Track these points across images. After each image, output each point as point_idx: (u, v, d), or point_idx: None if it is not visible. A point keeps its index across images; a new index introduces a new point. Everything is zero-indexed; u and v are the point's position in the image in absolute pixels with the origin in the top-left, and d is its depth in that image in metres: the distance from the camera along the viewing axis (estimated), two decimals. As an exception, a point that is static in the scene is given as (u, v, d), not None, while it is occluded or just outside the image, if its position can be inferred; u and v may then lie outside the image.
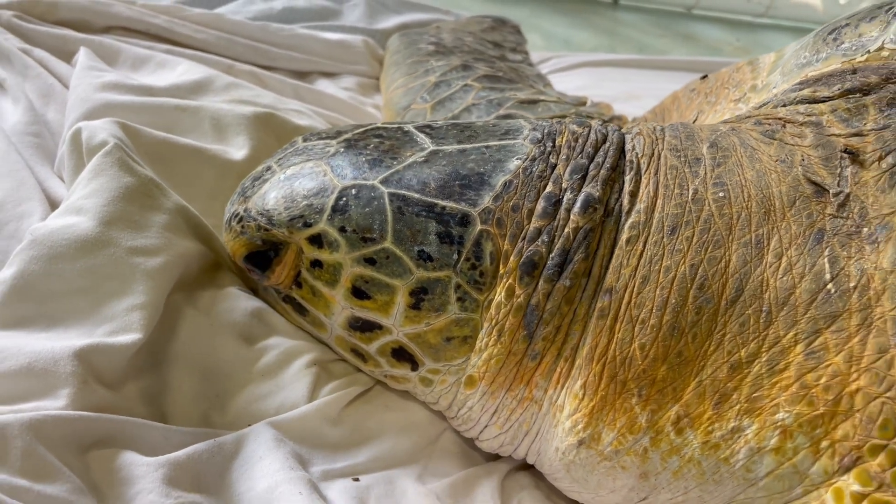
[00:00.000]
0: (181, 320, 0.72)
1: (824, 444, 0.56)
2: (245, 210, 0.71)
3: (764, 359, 0.58)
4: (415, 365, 0.68)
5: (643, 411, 0.60)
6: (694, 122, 0.91)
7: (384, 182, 0.67)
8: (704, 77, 0.99)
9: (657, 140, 0.69)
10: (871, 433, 0.54)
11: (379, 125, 0.75)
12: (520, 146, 0.70)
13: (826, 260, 0.57)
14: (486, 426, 0.69)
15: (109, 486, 0.59)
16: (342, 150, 0.71)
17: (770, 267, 0.59)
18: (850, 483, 0.54)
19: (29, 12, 1.22)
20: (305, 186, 0.69)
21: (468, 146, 0.70)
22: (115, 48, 1.18)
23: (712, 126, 0.69)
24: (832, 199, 0.58)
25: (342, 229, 0.66)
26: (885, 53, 0.64)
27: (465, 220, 0.65)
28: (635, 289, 0.62)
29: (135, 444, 0.63)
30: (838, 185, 0.58)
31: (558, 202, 0.66)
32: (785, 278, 0.58)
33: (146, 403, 0.68)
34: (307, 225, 0.67)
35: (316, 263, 0.68)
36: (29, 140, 0.94)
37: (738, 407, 0.58)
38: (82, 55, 1.10)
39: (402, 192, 0.66)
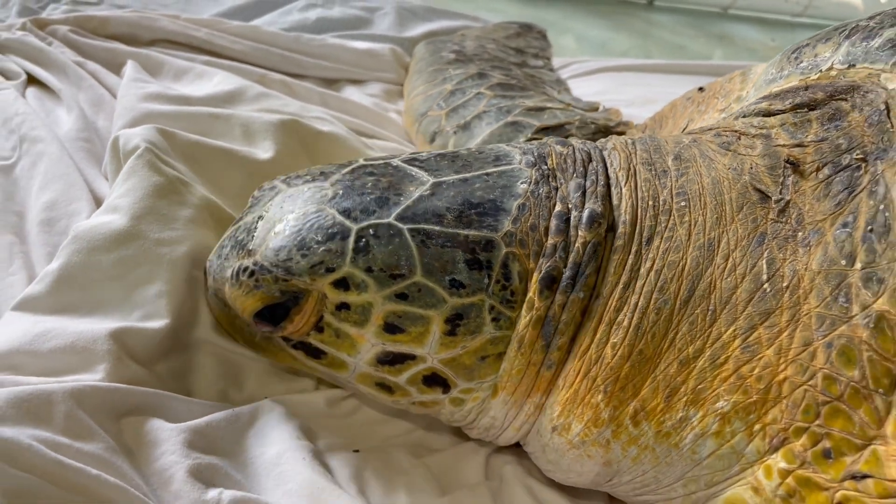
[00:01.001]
0: (204, 306, 0.81)
1: (757, 427, 0.61)
2: (254, 263, 0.69)
3: (707, 354, 0.63)
4: (447, 388, 0.70)
5: (606, 407, 0.65)
6: (684, 129, 0.97)
7: (400, 219, 0.68)
8: (701, 89, 1.05)
9: (631, 154, 0.73)
10: (795, 417, 0.60)
11: (362, 163, 0.75)
12: (518, 171, 0.73)
13: (764, 261, 0.62)
14: (504, 430, 0.73)
15: (138, 447, 0.69)
16: (341, 191, 0.70)
17: (718, 268, 0.64)
18: (778, 461, 0.60)
19: (83, 27, 1.34)
20: (318, 232, 0.68)
21: (468, 175, 0.72)
22: (159, 60, 1.29)
23: (676, 138, 0.74)
24: (774, 205, 0.63)
25: (368, 269, 0.66)
26: (833, 73, 0.69)
27: (489, 246, 0.67)
28: (616, 293, 0.66)
29: (161, 413, 0.72)
30: (780, 192, 0.64)
31: (568, 219, 0.69)
32: (729, 279, 0.63)
33: (173, 380, 0.77)
34: (330, 270, 0.67)
35: (343, 306, 0.67)
36: (80, 145, 1.05)
37: (685, 399, 0.64)
38: (129, 68, 1.21)
39: (422, 226, 0.67)
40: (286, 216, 0.70)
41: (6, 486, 0.57)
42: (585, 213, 0.69)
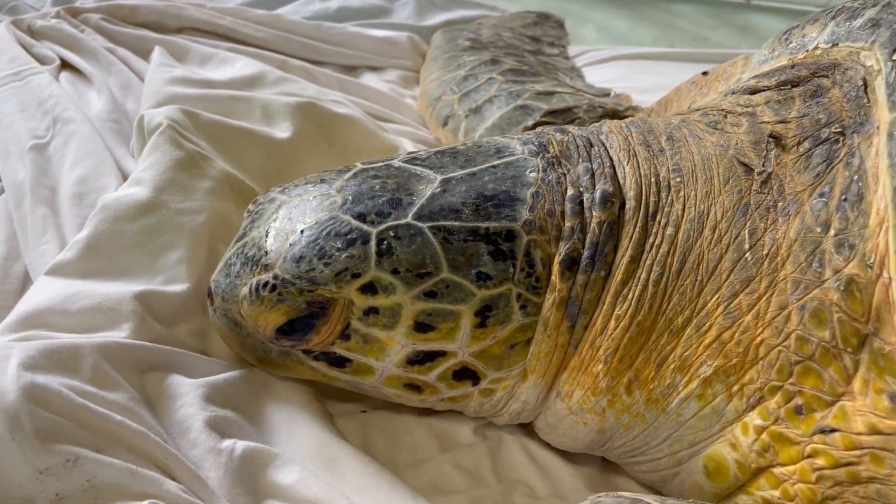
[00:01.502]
0: (222, 273, 0.86)
1: (735, 388, 0.65)
2: (275, 277, 0.68)
3: (694, 322, 0.66)
4: (476, 380, 0.71)
5: (605, 377, 0.68)
6: (684, 111, 1.00)
7: (418, 218, 0.68)
8: (706, 73, 1.07)
9: (627, 136, 0.76)
10: (770, 377, 0.63)
11: (362, 167, 0.75)
12: (524, 160, 0.74)
13: (747, 231, 0.65)
14: (533, 411, 0.75)
15: (159, 400, 0.74)
16: (350, 197, 0.70)
17: (706, 240, 0.67)
18: (754, 418, 0.64)
19: (114, 15, 1.41)
20: (336, 239, 0.67)
21: (474, 169, 0.73)
22: (185, 47, 1.35)
23: (665, 119, 0.77)
24: (756, 177, 0.66)
25: (394, 271, 0.66)
26: (818, 52, 0.72)
27: (511, 236, 0.68)
28: (622, 266, 0.68)
29: (181, 370, 0.77)
30: (763, 165, 0.67)
31: (581, 202, 0.71)
32: (715, 250, 0.66)
33: (194, 340, 0.82)
34: (356, 276, 0.66)
35: (371, 311, 0.67)
36: (109, 126, 1.11)
37: (672, 366, 0.67)
38: (156, 53, 1.27)
39: (441, 223, 0.68)
40: (298, 227, 0.69)
41: (38, 427, 0.63)
42: (598, 194, 0.70)
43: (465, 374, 0.70)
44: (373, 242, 0.67)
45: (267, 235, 0.71)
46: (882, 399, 0.57)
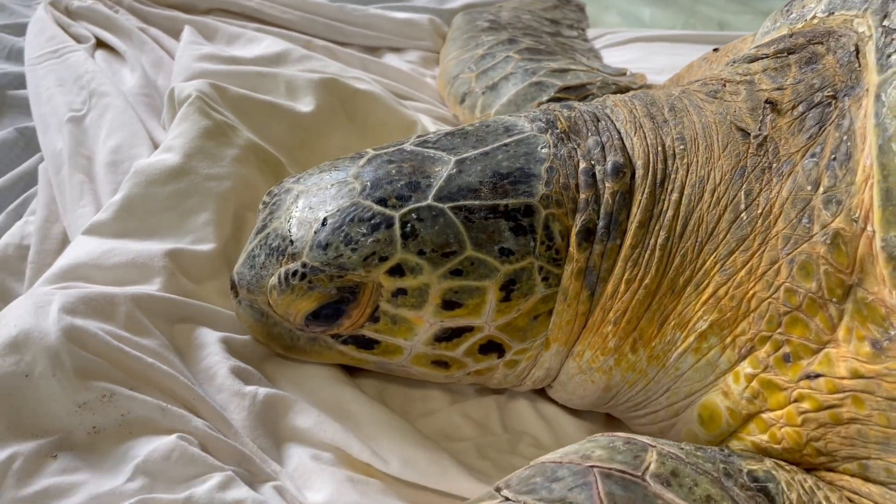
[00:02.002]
0: (247, 234, 0.91)
1: (728, 340, 0.68)
2: (303, 266, 0.70)
3: (693, 281, 0.69)
4: (501, 352, 0.73)
5: (613, 337, 0.72)
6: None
7: (438, 199, 0.70)
8: (716, 49, 1.10)
9: (632, 109, 0.78)
10: (760, 327, 0.66)
11: (374, 153, 0.77)
12: (534, 137, 0.76)
13: (743, 192, 0.68)
14: (556, 377, 0.77)
15: (187, 349, 0.79)
16: (369, 183, 0.72)
17: (706, 203, 0.70)
18: (745, 367, 0.67)
19: (147, -4, 1.47)
20: (361, 225, 0.69)
21: (487, 148, 0.75)
22: (214, 27, 1.40)
23: (666, 91, 0.80)
24: (753, 140, 0.70)
25: (420, 252, 0.68)
26: (815, 21, 0.75)
27: (529, 211, 0.70)
28: (633, 233, 0.71)
29: (209, 323, 0.82)
30: (759, 128, 0.70)
31: (594, 174, 0.73)
32: (714, 211, 0.69)
33: (220, 297, 0.87)
34: (383, 259, 0.68)
35: (399, 292, 0.69)
36: (142, 100, 1.17)
37: (673, 323, 0.71)
38: (186, 32, 1.32)
39: (461, 203, 0.70)
40: (320, 215, 0.71)
41: (77, 365, 0.68)
42: (609, 166, 0.73)
43: (490, 348, 0.72)
44: (397, 226, 0.69)
45: (290, 225, 0.72)
46: (864, 345, 0.60)
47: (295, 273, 0.70)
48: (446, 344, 0.72)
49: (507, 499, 0.57)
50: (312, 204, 0.73)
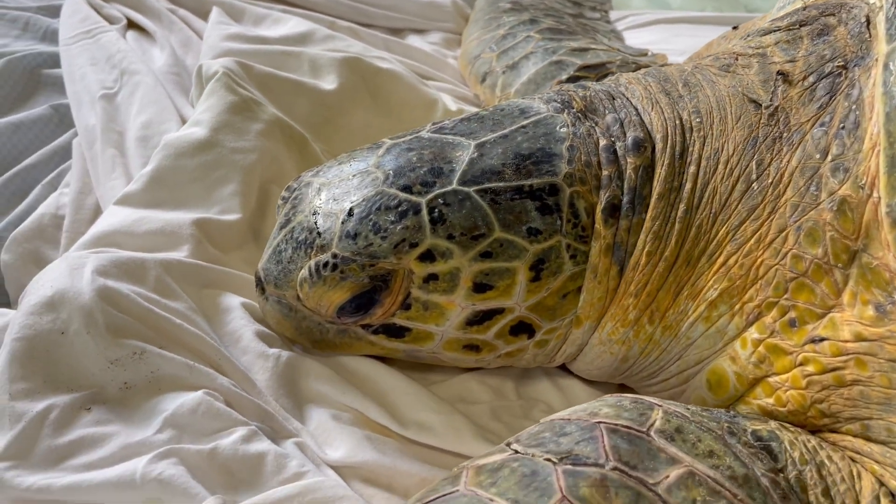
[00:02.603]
0: (272, 206, 0.95)
1: (737, 307, 0.69)
2: (334, 256, 0.70)
3: (707, 252, 0.71)
4: (532, 333, 0.73)
5: (634, 309, 0.73)
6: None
7: (463, 183, 0.70)
8: (735, 27, 1.11)
9: (647, 86, 0.79)
10: (767, 294, 0.67)
11: (392, 142, 0.77)
12: (551, 117, 0.76)
13: (754, 163, 0.69)
14: (587, 352, 0.78)
15: (214, 313, 0.82)
16: (391, 171, 0.72)
17: (719, 175, 0.71)
18: (752, 333, 0.68)
19: (176, -21, 1.50)
20: (388, 213, 0.70)
21: (505, 131, 0.75)
22: (241, 8, 1.43)
23: (678, 67, 0.81)
24: (764, 111, 0.71)
25: (450, 237, 0.69)
26: (829, -6, 0.76)
27: (554, 190, 0.71)
28: (654, 205, 0.72)
29: (235, 289, 0.85)
30: (770, 99, 0.71)
31: (615, 150, 0.74)
32: (727, 182, 0.70)
33: (245, 265, 0.90)
34: (414, 245, 0.69)
35: (431, 278, 0.70)
36: (171, 78, 1.20)
37: (686, 294, 0.72)
38: (214, 13, 1.35)
39: (486, 185, 0.70)
40: (346, 206, 0.71)
41: (109, 323, 0.72)
42: (630, 141, 0.73)
43: (521, 329, 0.73)
44: (424, 212, 0.69)
45: (316, 218, 0.72)
46: (868, 309, 0.61)
47: (326, 264, 0.70)
48: (477, 327, 0.72)
49: (516, 451, 0.60)
50: (336, 195, 0.73)
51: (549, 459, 0.58)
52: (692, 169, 0.72)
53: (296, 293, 0.73)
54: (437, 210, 0.70)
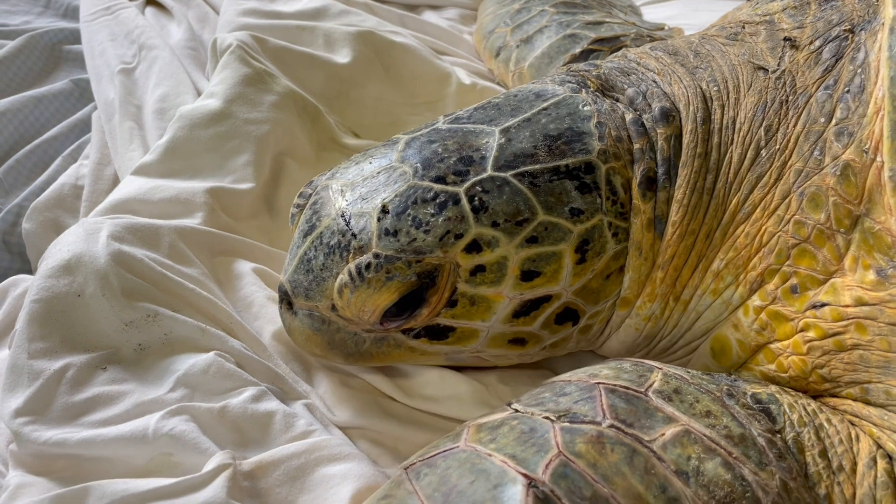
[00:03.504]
0: (285, 176, 0.96)
1: (741, 277, 0.69)
2: (375, 256, 0.66)
3: (721, 224, 0.70)
4: (576, 319, 0.72)
5: (661, 284, 0.73)
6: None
7: (498, 169, 0.68)
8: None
9: (659, 58, 0.79)
10: (770, 261, 0.67)
11: (408, 137, 0.74)
12: (571, 97, 0.75)
13: (763, 129, 0.69)
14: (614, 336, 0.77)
15: (226, 279, 0.84)
16: (419, 165, 0.69)
17: (734, 143, 0.71)
18: (754, 300, 0.69)
19: (193, -45, 1.51)
20: (427, 206, 0.67)
21: (528, 114, 0.73)
22: (257, -17, 1.44)
23: (685, 39, 0.81)
24: (771, 75, 0.71)
25: (494, 224, 0.66)
26: (838, -41, 0.75)
27: (590, 168, 0.69)
28: (681, 173, 0.71)
29: (247, 256, 0.87)
30: (778, 64, 0.71)
31: (642, 123, 0.73)
32: (739, 151, 0.70)
33: (258, 234, 0.92)
34: (459, 236, 0.66)
35: (478, 269, 0.67)
36: (188, 52, 1.22)
37: (699, 267, 0.72)
38: (231, -11, 1.36)
39: (522, 169, 0.68)
40: (377, 203, 0.68)
41: (124, 286, 0.74)
42: (657, 111, 0.73)
43: (566, 316, 0.71)
44: (464, 201, 0.67)
45: (346, 219, 0.68)
46: (869, 274, 0.61)
47: (368, 265, 0.66)
48: (524, 318, 0.70)
49: (516, 411, 0.61)
50: (363, 194, 0.69)
51: (547, 417, 0.59)
52: (715, 139, 0.71)
53: (330, 303, 0.69)
54: (476, 198, 0.67)
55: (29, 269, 0.94)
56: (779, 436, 0.60)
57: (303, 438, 0.68)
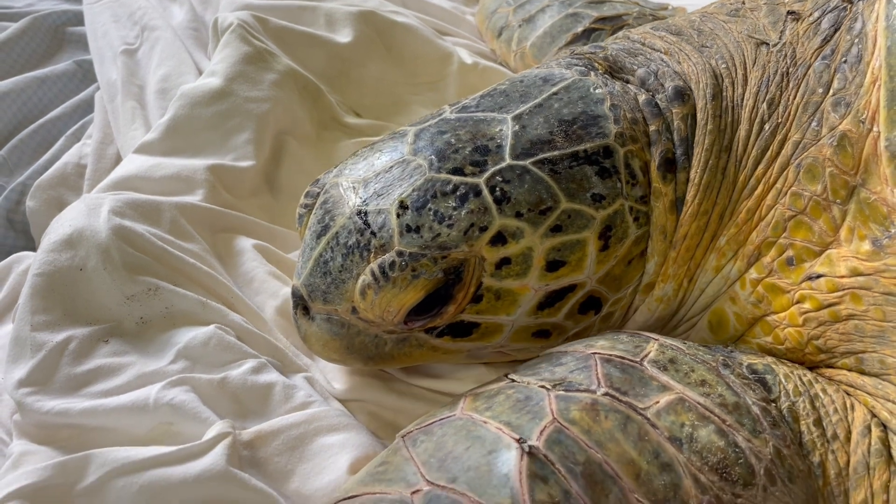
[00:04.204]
0: (286, 154, 0.97)
1: (740, 252, 0.69)
2: (399, 254, 0.63)
3: (730, 202, 0.70)
4: (599, 307, 0.70)
5: (674, 264, 0.72)
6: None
7: (516, 157, 0.66)
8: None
9: (663, 38, 0.78)
10: (766, 234, 0.67)
11: (416, 129, 0.71)
12: (580, 81, 0.73)
13: (765, 103, 0.69)
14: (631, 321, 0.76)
15: (227, 255, 0.85)
16: (433, 157, 0.67)
17: (741, 119, 0.70)
18: (751, 273, 0.69)
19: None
20: (447, 199, 0.64)
21: (539, 100, 0.71)
22: (259, -35, 1.44)
23: (685, 17, 0.80)
24: (773, 48, 0.70)
25: (518, 214, 0.65)
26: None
27: (608, 152, 0.68)
28: (692, 150, 0.70)
29: (248, 233, 0.88)
30: (779, 37, 0.70)
31: (656, 103, 0.71)
32: (746, 127, 0.69)
33: (258, 211, 0.93)
34: (484, 229, 0.64)
35: (503, 262, 0.65)
36: (190, 33, 1.22)
37: (707, 248, 0.71)
38: (233, -31, 1.36)
39: (541, 156, 0.66)
40: (394, 199, 0.65)
41: (126, 260, 0.74)
42: (671, 91, 0.71)
43: (589, 305, 0.70)
44: (485, 192, 0.65)
45: (363, 218, 0.65)
46: (864, 244, 0.62)
47: (392, 264, 0.64)
48: (549, 310, 0.68)
49: (512, 380, 0.61)
50: (378, 190, 0.66)
51: (543, 386, 0.59)
52: (728, 117, 0.71)
53: (350, 306, 0.66)
54: (497, 188, 0.65)
55: (33, 247, 0.95)
56: (774, 405, 0.61)
57: (302, 409, 0.69)
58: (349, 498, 0.56)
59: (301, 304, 0.69)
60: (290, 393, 0.70)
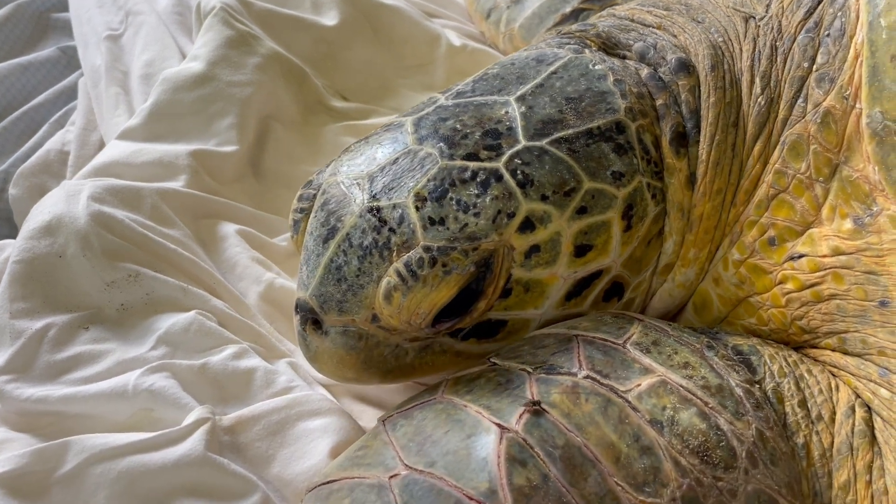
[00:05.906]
0: (270, 138, 0.96)
1: (727, 230, 0.68)
2: (426, 250, 0.59)
3: (731, 183, 0.68)
4: (621, 293, 0.68)
5: (693, 247, 0.70)
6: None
7: (531, 139, 0.64)
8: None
9: (653, 12, 0.76)
10: (749, 213, 0.66)
11: (416, 116, 0.68)
12: (576, 58, 0.71)
13: (759, 78, 0.67)
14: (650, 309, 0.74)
15: (210, 241, 0.84)
16: (443, 145, 0.63)
17: (742, 95, 0.68)
18: (734, 254, 0.68)
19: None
20: (468, 186, 0.61)
21: (538, 80, 0.69)
22: (246, -52, 1.42)
23: None
24: (759, 22, 0.69)
25: (543, 198, 0.62)
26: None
27: (620, 127, 0.66)
28: (698, 124, 0.68)
29: (231, 218, 0.87)
30: (765, 10, 0.69)
31: (660, 77, 0.69)
32: (746, 102, 0.67)
33: (243, 196, 0.92)
34: (511, 215, 0.61)
35: (532, 250, 0.62)
36: (174, 18, 1.20)
37: (709, 226, 0.69)
38: (218, -47, 1.35)
39: (556, 135, 0.64)
40: (409, 191, 0.61)
41: (105, 246, 0.74)
42: (674, 63, 0.70)
43: (613, 291, 0.68)
44: (507, 176, 0.62)
45: (377, 215, 0.61)
46: (846, 223, 0.61)
47: (421, 261, 0.59)
48: (576, 300, 0.66)
49: (494, 364, 0.61)
50: (388, 184, 0.62)
51: (524, 369, 0.59)
52: (733, 91, 0.69)
53: (370, 314, 0.62)
54: (519, 171, 0.62)
55: (16, 235, 0.94)
56: (758, 386, 0.60)
57: (283, 394, 0.68)
58: (328, 482, 0.56)
59: (310, 319, 0.63)
60: (272, 378, 0.70)
